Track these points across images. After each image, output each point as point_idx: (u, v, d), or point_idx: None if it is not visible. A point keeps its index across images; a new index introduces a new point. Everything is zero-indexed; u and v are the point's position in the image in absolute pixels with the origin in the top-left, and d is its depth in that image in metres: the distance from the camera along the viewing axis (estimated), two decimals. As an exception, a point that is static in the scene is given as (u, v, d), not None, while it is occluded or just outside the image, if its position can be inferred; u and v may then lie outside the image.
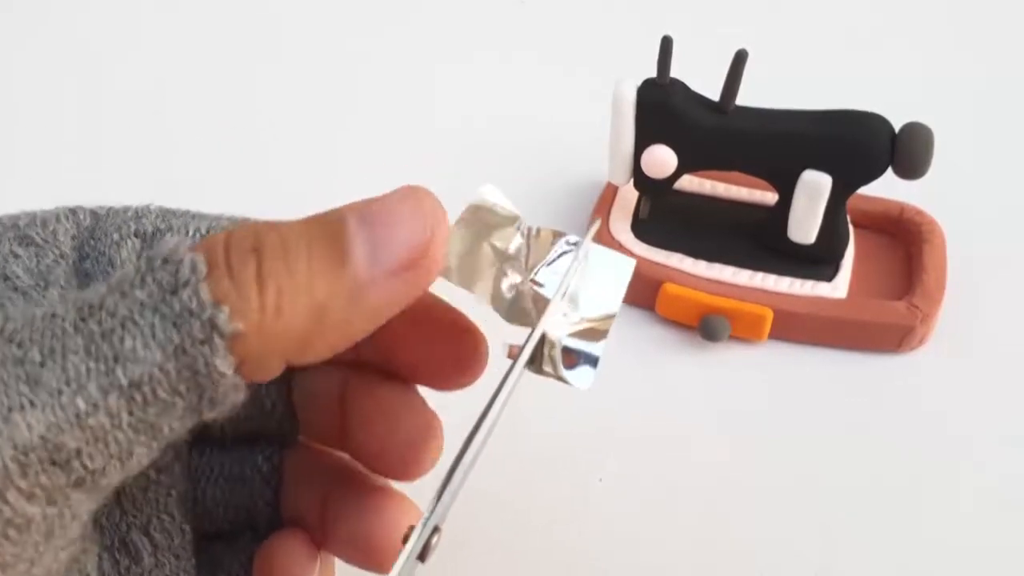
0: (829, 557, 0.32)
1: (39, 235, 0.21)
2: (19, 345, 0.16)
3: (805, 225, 0.37)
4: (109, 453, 0.16)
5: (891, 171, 0.34)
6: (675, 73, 0.36)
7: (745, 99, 0.36)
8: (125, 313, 0.16)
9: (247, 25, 0.55)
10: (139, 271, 0.16)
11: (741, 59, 0.35)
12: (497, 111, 0.49)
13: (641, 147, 0.37)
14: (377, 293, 0.17)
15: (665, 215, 0.40)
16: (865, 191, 0.36)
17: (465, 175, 0.46)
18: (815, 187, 0.35)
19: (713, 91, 0.36)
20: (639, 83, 0.36)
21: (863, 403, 0.36)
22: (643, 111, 0.36)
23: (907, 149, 0.34)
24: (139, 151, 0.48)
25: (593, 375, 0.20)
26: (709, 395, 0.37)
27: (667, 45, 0.35)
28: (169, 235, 0.21)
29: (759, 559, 0.32)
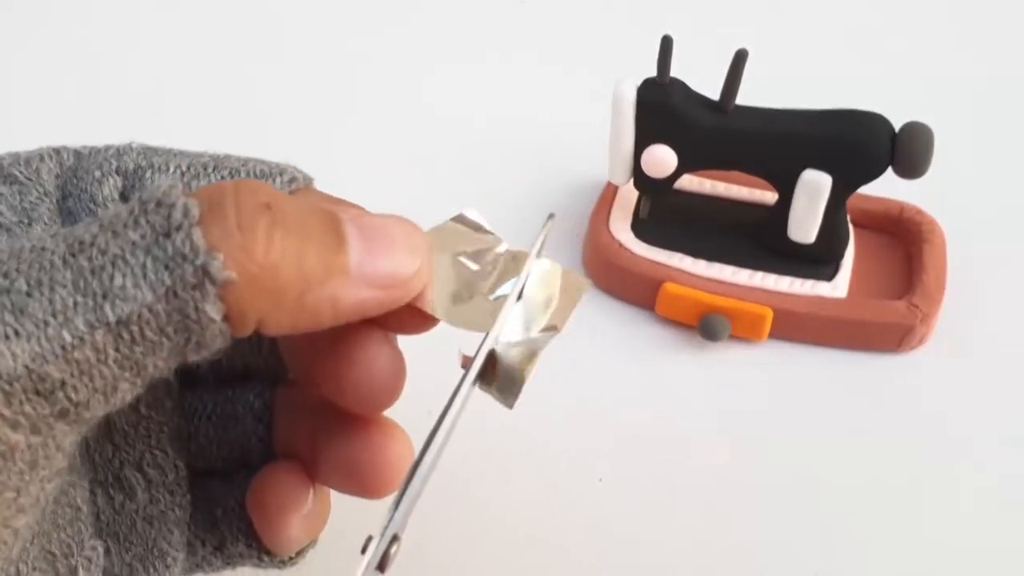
0: (829, 557, 0.32)
1: (22, 173, 0.21)
2: (5, 275, 0.16)
3: (805, 225, 0.37)
4: (93, 387, 0.16)
5: (891, 171, 0.35)
6: (675, 73, 0.36)
7: (745, 99, 0.36)
8: (116, 252, 0.16)
9: (247, 25, 0.55)
10: (132, 212, 0.16)
11: (741, 59, 0.35)
12: (497, 111, 0.49)
13: (641, 147, 0.37)
14: (356, 294, 0.18)
15: (665, 215, 0.40)
16: (865, 191, 0.36)
17: (465, 175, 0.46)
18: (815, 187, 0.35)
19: (713, 91, 0.36)
20: (639, 83, 0.36)
21: (863, 403, 0.36)
22: (643, 111, 0.36)
23: (907, 149, 0.34)
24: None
25: (519, 393, 0.20)
26: (709, 395, 0.37)
27: (667, 45, 0.35)
28: (150, 172, 0.21)
29: (759, 559, 0.32)
